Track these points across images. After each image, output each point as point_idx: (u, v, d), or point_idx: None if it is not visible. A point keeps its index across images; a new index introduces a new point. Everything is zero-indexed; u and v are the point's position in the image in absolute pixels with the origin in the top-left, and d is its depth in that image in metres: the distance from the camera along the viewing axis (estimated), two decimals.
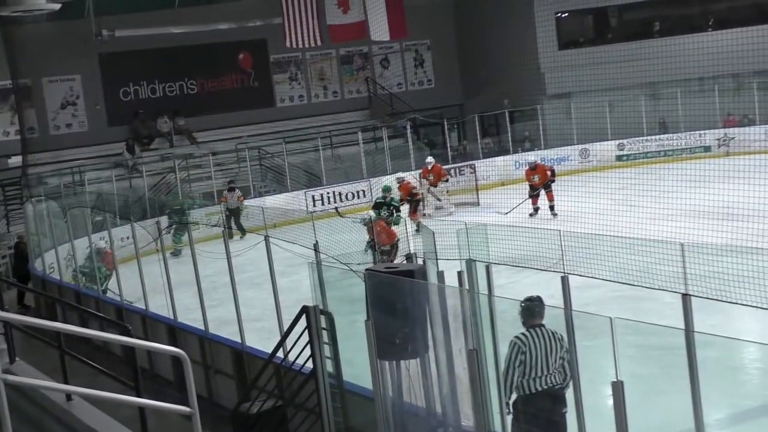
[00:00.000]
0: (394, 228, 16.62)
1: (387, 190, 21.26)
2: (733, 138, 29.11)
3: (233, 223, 22.46)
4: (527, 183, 22.84)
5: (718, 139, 29.40)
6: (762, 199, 16.10)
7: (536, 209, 22.13)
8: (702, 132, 29.52)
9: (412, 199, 22.46)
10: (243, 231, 20.78)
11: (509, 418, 7.07)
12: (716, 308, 7.60)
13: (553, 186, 22.49)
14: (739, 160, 21.77)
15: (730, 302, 7.35)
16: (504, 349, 7.32)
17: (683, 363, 5.70)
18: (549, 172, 22.61)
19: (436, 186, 24.19)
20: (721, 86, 29.64)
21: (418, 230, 17.75)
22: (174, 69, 31.31)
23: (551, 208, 21.86)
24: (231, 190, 24.82)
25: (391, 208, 20.02)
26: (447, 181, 24.67)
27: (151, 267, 14.54)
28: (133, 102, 30.95)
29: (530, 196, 22.34)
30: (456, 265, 7.63)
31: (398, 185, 22.68)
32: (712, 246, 10.88)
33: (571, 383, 6.90)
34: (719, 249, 10.59)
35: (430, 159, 25.47)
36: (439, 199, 24.44)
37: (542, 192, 22.34)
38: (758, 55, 26.21)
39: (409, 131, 29.52)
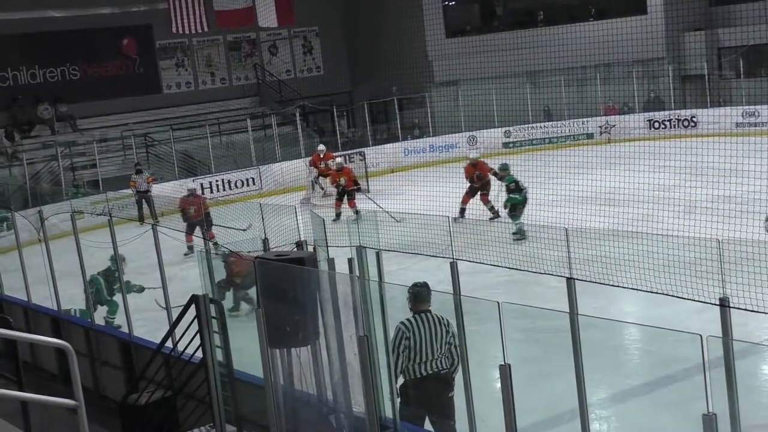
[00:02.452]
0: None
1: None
2: (614, 125, 29.98)
3: (145, 206, 22.06)
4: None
5: (600, 127, 30.24)
6: (641, 185, 16.68)
7: (462, 210, 19.37)
8: (585, 119, 30.33)
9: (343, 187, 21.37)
10: (154, 215, 20.32)
11: (398, 403, 7.15)
12: (600, 291, 7.82)
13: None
14: (620, 146, 22.47)
15: (611, 285, 7.58)
16: (393, 335, 7.39)
17: (568, 345, 5.85)
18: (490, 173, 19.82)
19: (326, 175, 24.01)
20: (602, 75, 30.47)
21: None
22: (55, 54, 30.39)
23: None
24: (138, 172, 24.27)
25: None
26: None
27: (33, 258, 14.12)
28: (11, 87, 29.92)
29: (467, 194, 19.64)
30: (346, 252, 7.66)
31: (339, 170, 21.76)
32: (595, 231, 11.21)
33: (459, 367, 7.02)
34: (601, 233, 10.92)
35: (321, 147, 25.42)
36: (323, 188, 24.36)
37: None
38: (637, 44, 27.06)
39: (298, 118, 29.41)
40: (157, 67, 32.77)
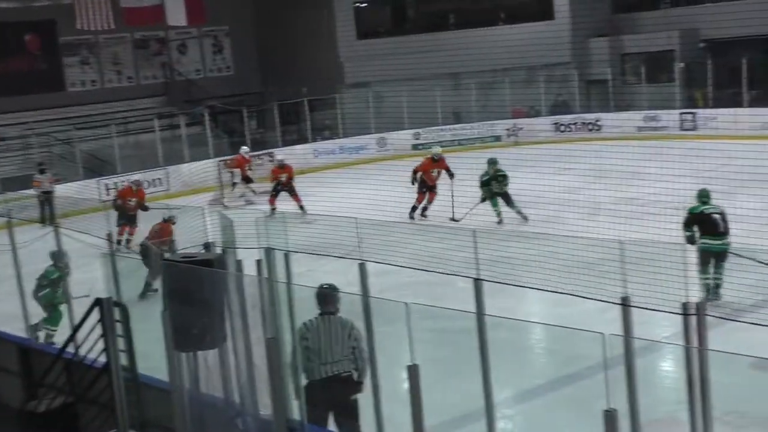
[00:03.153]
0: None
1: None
2: (521, 128, 30.45)
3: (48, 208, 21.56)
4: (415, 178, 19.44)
5: (508, 129, 30.67)
6: (547, 187, 16.96)
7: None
8: (493, 122, 30.71)
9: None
10: (53, 217, 19.83)
11: (302, 403, 7.14)
12: (506, 292, 7.92)
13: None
14: (527, 149, 22.82)
15: (518, 286, 7.69)
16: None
17: (475, 345, 5.91)
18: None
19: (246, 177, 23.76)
20: (511, 78, 30.91)
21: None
22: None
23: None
24: (41, 172, 23.61)
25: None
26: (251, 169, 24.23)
27: None
28: None
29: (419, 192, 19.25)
30: (255, 254, 7.60)
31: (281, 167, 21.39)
32: (502, 232, 11.37)
33: (369, 369, 7.02)
34: (509, 235, 11.08)
35: (245, 148, 25.08)
36: (254, 191, 24.04)
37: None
38: (545, 49, 27.58)
39: (207, 118, 29.06)
40: (61, 64, 32.00)
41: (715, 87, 28.47)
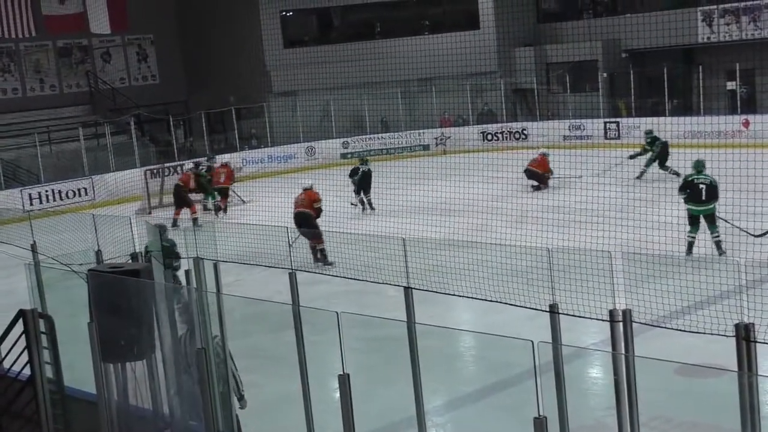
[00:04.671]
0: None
1: None
2: (449, 137, 30.68)
3: None
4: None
5: (436, 138, 30.88)
6: (475, 195, 17.13)
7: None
8: (421, 131, 30.90)
9: None
10: None
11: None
12: (436, 300, 7.97)
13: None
14: (455, 158, 22.99)
15: (447, 294, 7.75)
16: (233, 346, 7.31)
17: (406, 354, 5.93)
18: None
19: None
20: (438, 87, 31.15)
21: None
22: None
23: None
24: None
25: None
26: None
27: None
28: None
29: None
30: (184, 264, 7.53)
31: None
32: (432, 240, 11.44)
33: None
34: (438, 243, 11.15)
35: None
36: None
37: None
38: (470, 58, 27.83)
39: (133, 127, 28.69)
40: None
41: (638, 96, 29.09)
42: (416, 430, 6.04)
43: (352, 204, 20.41)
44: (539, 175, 21.74)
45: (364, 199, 20.53)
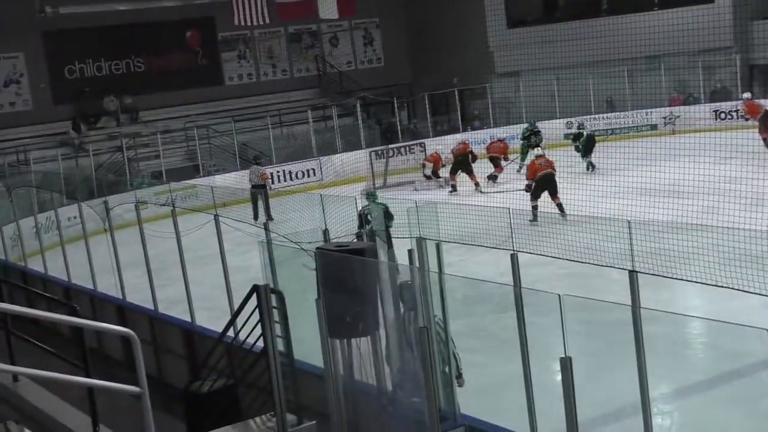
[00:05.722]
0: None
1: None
2: (678, 116, 29.48)
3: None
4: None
5: (664, 118, 29.76)
6: (706, 177, 16.36)
7: None
8: (648, 110, 29.87)
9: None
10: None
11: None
12: (663, 284, 7.71)
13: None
14: (685, 138, 22.09)
15: (675, 278, 7.48)
16: (454, 326, 7.38)
17: (630, 339, 5.78)
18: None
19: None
20: (666, 65, 29.98)
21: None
22: (120, 47, 30.85)
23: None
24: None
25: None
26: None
27: (98, 247, 14.38)
28: (78, 80, 30.46)
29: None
30: (406, 243, 7.65)
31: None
32: (659, 223, 11.06)
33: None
34: (665, 226, 10.77)
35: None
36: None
37: None
38: (702, 33, 26.55)
39: (359, 110, 29.45)
40: (220, 59, 33.07)
41: None
42: (641, 418, 5.88)
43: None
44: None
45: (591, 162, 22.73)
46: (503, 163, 24.54)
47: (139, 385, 5.50)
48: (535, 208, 18.15)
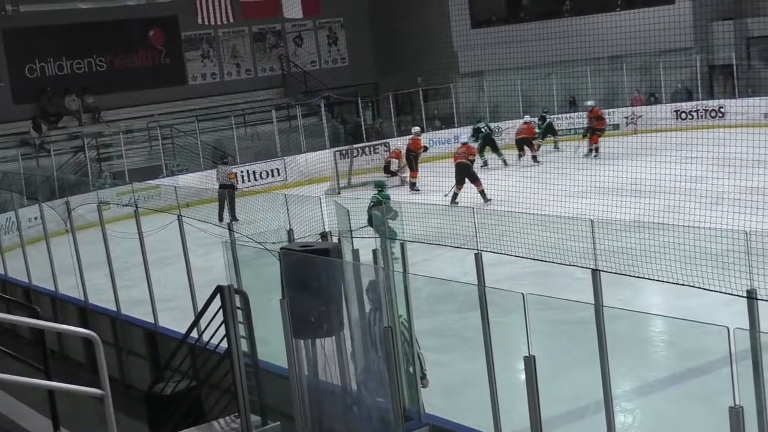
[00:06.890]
0: None
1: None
2: (640, 116, 29.75)
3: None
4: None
5: (626, 117, 30.02)
6: (667, 176, 16.54)
7: None
8: (611, 110, 30.10)
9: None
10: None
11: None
12: (625, 283, 7.77)
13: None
14: (647, 137, 22.31)
15: (637, 277, 7.53)
16: (419, 325, 7.39)
17: (593, 337, 5.82)
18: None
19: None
20: (628, 65, 30.24)
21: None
22: (82, 45, 30.51)
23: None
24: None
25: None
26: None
27: (60, 248, 14.23)
28: (39, 79, 30.08)
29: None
30: (371, 243, 7.66)
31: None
32: (621, 222, 11.14)
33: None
34: (628, 225, 10.85)
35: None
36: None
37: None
38: (665, 34, 26.84)
39: (323, 109, 29.40)
40: (183, 58, 32.86)
41: None
42: (604, 415, 5.92)
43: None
44: (528, 140, 25.89)
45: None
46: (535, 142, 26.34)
47: (101, 387, 5.44)
48: (455, 195, 20.02)
